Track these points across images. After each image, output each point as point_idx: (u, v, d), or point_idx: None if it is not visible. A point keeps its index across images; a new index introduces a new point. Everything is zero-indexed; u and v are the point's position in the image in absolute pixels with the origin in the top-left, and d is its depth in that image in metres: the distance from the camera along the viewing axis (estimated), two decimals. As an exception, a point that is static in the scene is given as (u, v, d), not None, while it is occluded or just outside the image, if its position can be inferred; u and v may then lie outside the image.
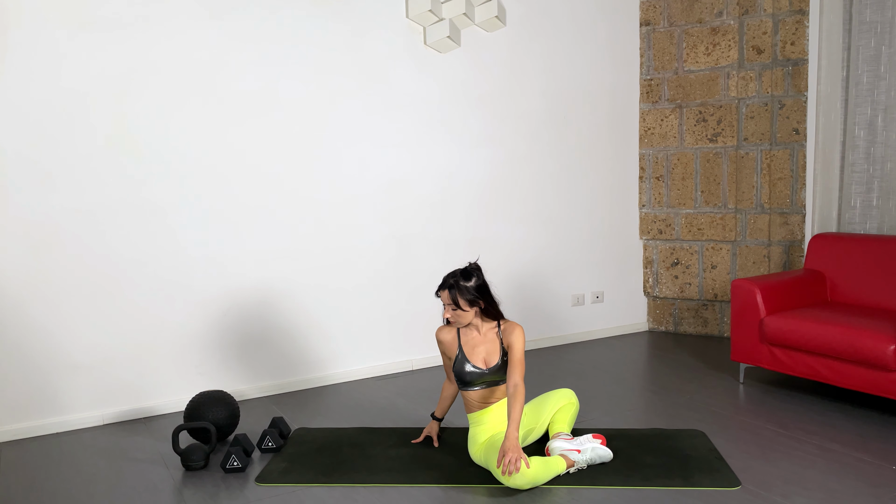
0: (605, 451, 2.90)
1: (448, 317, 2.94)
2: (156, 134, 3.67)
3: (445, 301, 2.93)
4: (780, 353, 3.79)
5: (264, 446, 3.16)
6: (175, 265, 3.76)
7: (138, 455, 3.20)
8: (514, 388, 2.80)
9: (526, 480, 2.64)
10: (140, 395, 3.73)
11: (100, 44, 3.52)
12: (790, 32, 4.67)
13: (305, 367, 4.15)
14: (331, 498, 2.71)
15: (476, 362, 2.96)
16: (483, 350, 2.98)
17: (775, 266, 4.84)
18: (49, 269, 3.48)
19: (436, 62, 4.43)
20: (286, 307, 4.06)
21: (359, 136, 4.21)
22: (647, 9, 5.14)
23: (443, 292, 2.93)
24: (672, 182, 5.17)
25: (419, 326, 4.47)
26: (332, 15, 4.08)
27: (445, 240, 4.53)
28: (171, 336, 3.77)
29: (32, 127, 3.41)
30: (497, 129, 4.68)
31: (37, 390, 3.50)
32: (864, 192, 4.38)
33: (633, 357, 4.68)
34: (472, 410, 2.99)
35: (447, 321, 2.98)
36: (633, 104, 5.23)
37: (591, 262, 5.15)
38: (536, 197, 4.87)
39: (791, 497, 2.62)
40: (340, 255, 4.20)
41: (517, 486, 2.65)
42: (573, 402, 3.20)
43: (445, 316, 2.95)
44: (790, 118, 4.72)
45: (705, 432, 3.28)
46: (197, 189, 3.79)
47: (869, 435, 3.23)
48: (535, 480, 2.67)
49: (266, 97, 3.93)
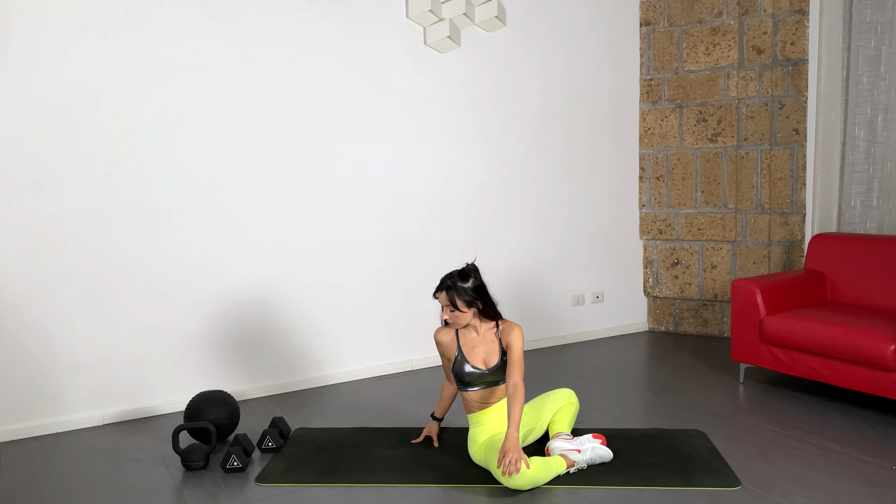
0: (605, 450, 2.90)
1: (446, 318, 2.93)
2: (156, 133, 3.67)
3: (443, 302, 2.91)
4: (780, 353, 3.79)
5: (264, 446, 3.16)
6: (175, 265, 3.76)
7: (138, 455, 3.20)
8: (513, 387, 2.79)
9: (526, 481, 2.64)
10: (140, 395, 3.73)
11: (101, 44, 3.52)
12: (790, 32, 4.67)
13: (305, 367, 4.15)
14: (331, 498, 2.71)
15: (475, 363, 2.95)
16: (482, 350, 2.97)
17: (775, 266, 4.84)
18: (49, 269, 3.48)
19: (436, 62, 4.43)
20: (286, 307, 4.06)
21: (359, 135, 4.21)
22: (647, 9, 5.14)
23: (440, 294, 2.91)
24: (672, 182, 5.17)
25: (419, 326, 4.47)
26: (332, 15, 4.08)
27: (445, 240, 4.53)
28: (171, 336, 3.77)
29: (33, 126, 3.41)
30: (497, 128, 4.68)
31: (37, 390, 3.50)
32: (864, 192, 4.38)
33: (633, 357, 4.68)
34: (472, 411, 2.98)
35: (445, 323, 2.97)
36: (633, 104, 5.23)
37: (591, 262, 5.15)
38: (536, 197, 4.87)
39: (791, 497, 2.62)
40: (340, 255, 4.20)
41: (517, 487, 2.65)
42: (573, 402, 3.20)
43: (444, 318, 2.93)
44: (790, 118, 4.72)
45: (705, 432, 3.28)
46: (197, 189, 3.79)
47: (869, 435, 3.23)
48: (536, 481, 2.67)
49: (266, 97, 3.93)
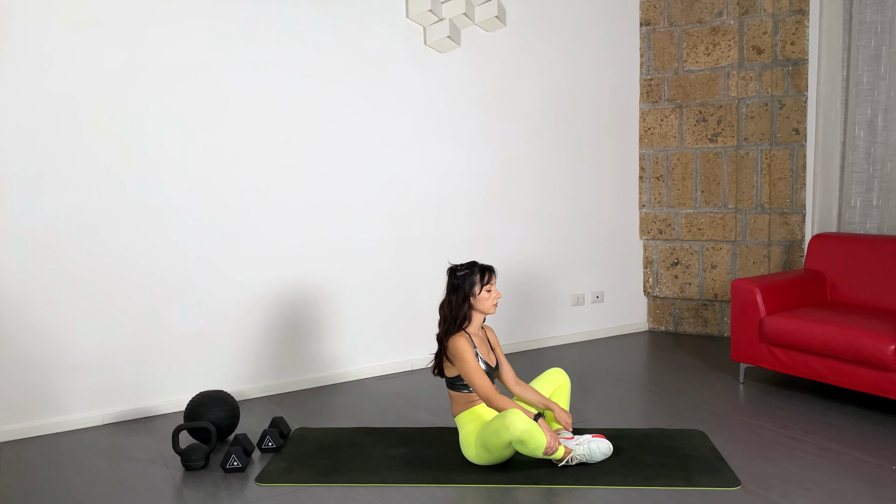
0: (604, 443, 2.88)
1: (499, 298, 3.01)
2: (156, 134, 3.67)
3: (494, 284, 2.97)
4: (780, 352, 3.79)
5: (264, 446, 3.16)
6: (175, 265, 3.75)
7: (138, 455, 3.20)
8: (517, 380, 3.04)
9: (526, 425, 2.70)
10: (140, 395, 3.73)
11: (99, 44, 3.52)
12: (790, 32, 4.67)
13: (305, 367, 4.15)
14: (331, 498, 2.71)
15: (489, 360, 3.00)
16: (484, 349, 3.02)
17: (775, 266, 4.84)
18: (49, 269, 3.48)
19: (436, 62, 4.43)
20: (286, 307, 4.06)
21: (358, 135, 4.21)
22: (647, 9, 5.14)
23: (493, 276, 2.97)
24: (672, 182, 5.17)
25: (419, 326, 4.46)
26: (332, 15, 4.08)
27: (444, 239, 4.53)
28: (171, 336, 3.77)
29: (33, 126, 3.41)
30: (497, 128, 4.68)
31: (37, 390, 3.50)
32: (864, 192, 4.38)
33: (633, 357, 4.68)
34: (462, 411, 2.98)
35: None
36: (633, 104, 5.23)
37: (591, 262, 5.15)
38: (536, 197, 4.87)
39: (791, 497, 2.62)
40: (340, 255, 4.20)
41: (518, 435, 2.69)
42: (564, 384, 3.20)
43: (498, 298, 2.99)
44: (790, 118, 4.72)
45: (705, 432, 3.28)
46: (197, 189, 3.79)
47: (869, 435, 3.23)
48: (532, 430, 2.71)
49: (266, 97, 3.93)
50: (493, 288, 2.98)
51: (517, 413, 2.73)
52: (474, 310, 2.98)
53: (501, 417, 2.75)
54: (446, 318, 2.98)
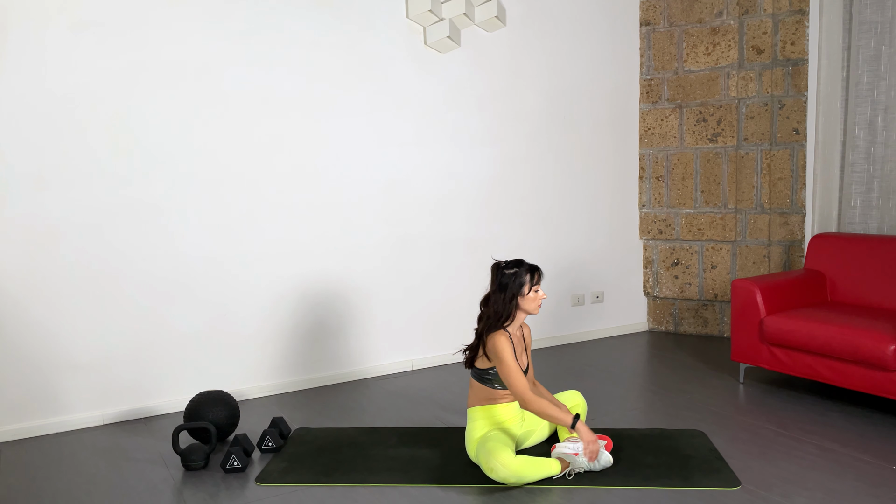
0: (605, 455, 2.85)
1: (544, 299, 3.03)
2: (157, 134, 3.67)
3: (539, 283, 2.95)
4: (780, 353, 3.79)
5: (264, 446, 3.16)
6: (175, 265, 3.76)
7: (138, 455, 3.20)
8: (534, 381, 3.11)
9: (509, 472, 2.66)
10: (140, 395, 3.73)
11: (99, 44, 3.52)
12: (790, 32, 4.67)
13: (305, 367, 4.15)
14: (331, 498, 2.71)
15: (520, 362, 2.95)
16: (519, 349, 2.98)
17: (775, 266, 4.84)
18: (49, 269, 3.48)
19: (436, 62, 4.43)
20: (286, 307, 4.06)
21: (358, 135, 4.21)
22: (647, 9, 5.14)
23: (541, 276, 2.95)
24: (672, 182, 5.17)
25: (419, 326, 4.47)
26: (332, 15, 4.08)
27: (444, 239, 4.53)
28: (171, 336, 3.77)
29: (34, 126, 3.41)
30: (497, 129, 4.68)
31: (37, 390, 3.50)
32: (864, 192, 4.38)
33: (633, 357, 4.68)
34: (478, 404, 2.95)
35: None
36: (633, 104, 5.23)
37: (591, 262, 5.15)
38: (536, 197, 4.87)
39: (791, 497, 2.62)
40: (340, 256, 4.20)
41: (502, 480, 2.67)
42: (580, 405, 3.19)
43: (543, 298, 2.99)
44: (790, 118, 4.72)
45: (705, 432, 3.28)
46: (197, 189, 3.79)
47: (869, 435, 3.23)
48: (520, 475, 2.68)
49: (266, 98, 3.93)
50: (540, 288, 2.94)
51: (503, 459, 2.68)
52: (520, 309, 2.92)
53: (487, 456, 2.70)
54: (490, 315, 2.90)
